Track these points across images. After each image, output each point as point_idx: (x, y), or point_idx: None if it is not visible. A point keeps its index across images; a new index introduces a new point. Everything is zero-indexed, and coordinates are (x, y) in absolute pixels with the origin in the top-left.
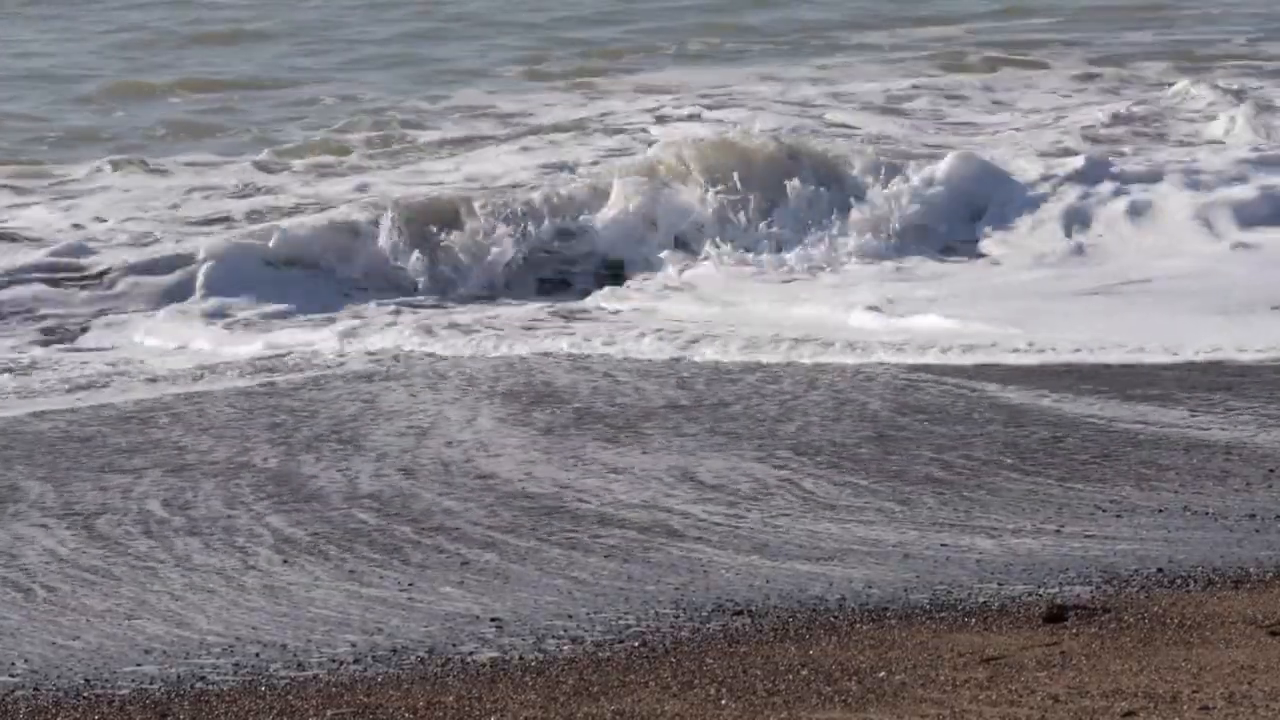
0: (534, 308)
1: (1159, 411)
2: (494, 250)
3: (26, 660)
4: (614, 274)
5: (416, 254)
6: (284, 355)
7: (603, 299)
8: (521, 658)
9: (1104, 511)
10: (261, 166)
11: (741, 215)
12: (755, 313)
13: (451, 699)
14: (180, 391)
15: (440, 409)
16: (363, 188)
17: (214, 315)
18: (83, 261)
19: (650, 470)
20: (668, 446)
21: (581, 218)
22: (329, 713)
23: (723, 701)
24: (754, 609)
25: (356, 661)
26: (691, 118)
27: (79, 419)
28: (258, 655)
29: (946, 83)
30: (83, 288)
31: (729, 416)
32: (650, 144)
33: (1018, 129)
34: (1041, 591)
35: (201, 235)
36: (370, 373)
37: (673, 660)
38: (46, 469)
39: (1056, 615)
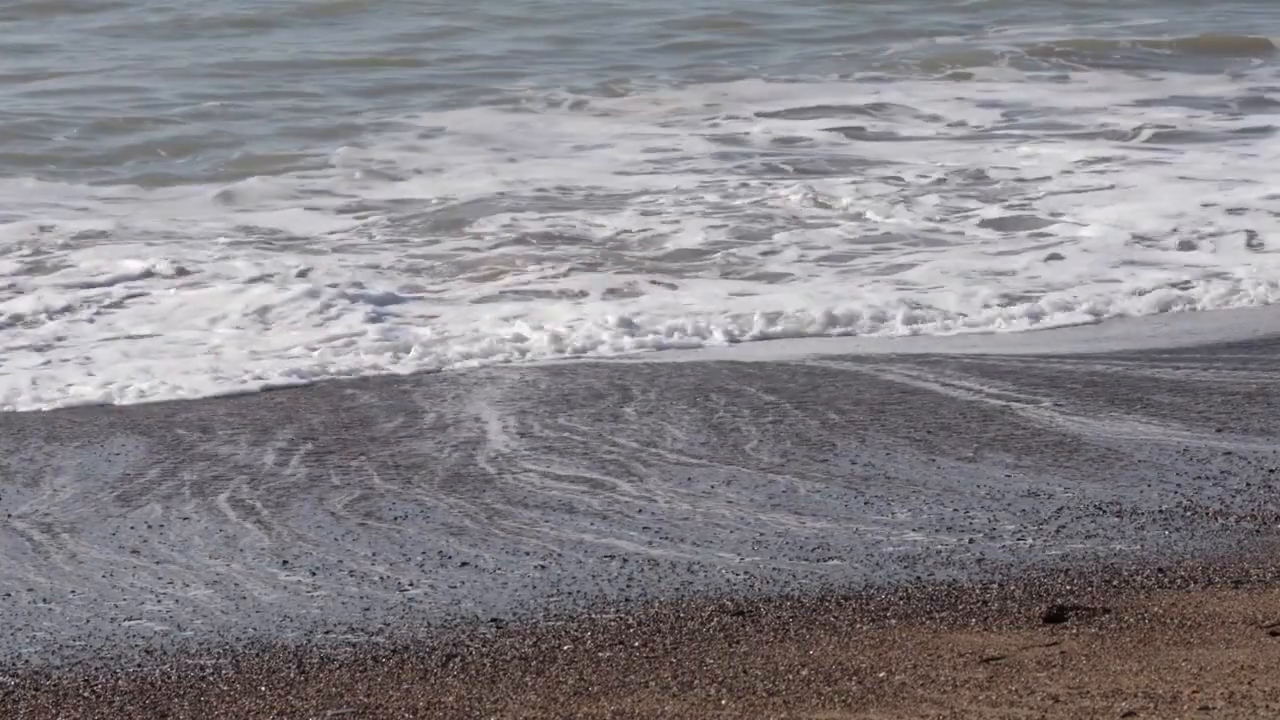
0: None
1: None
2: None
3: (26, 661)
4: None
5: None
6: None
7: None
8: (522, 657)
9: (1104, 513)
10: None
11: None
12: None
13: (451, 699)
14: None
15: None
16: None
17: None
18: None
19: None
20: None
21: None
22: (329, 713)
23: (723, 701)
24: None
25: (356, 661)
26: None
27: None
28: (258, 655)
29: None
30: None
31: None
32: None
33: None
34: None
35: None
36: None
37: (673, 660)
38: None
39: (1056, 615)
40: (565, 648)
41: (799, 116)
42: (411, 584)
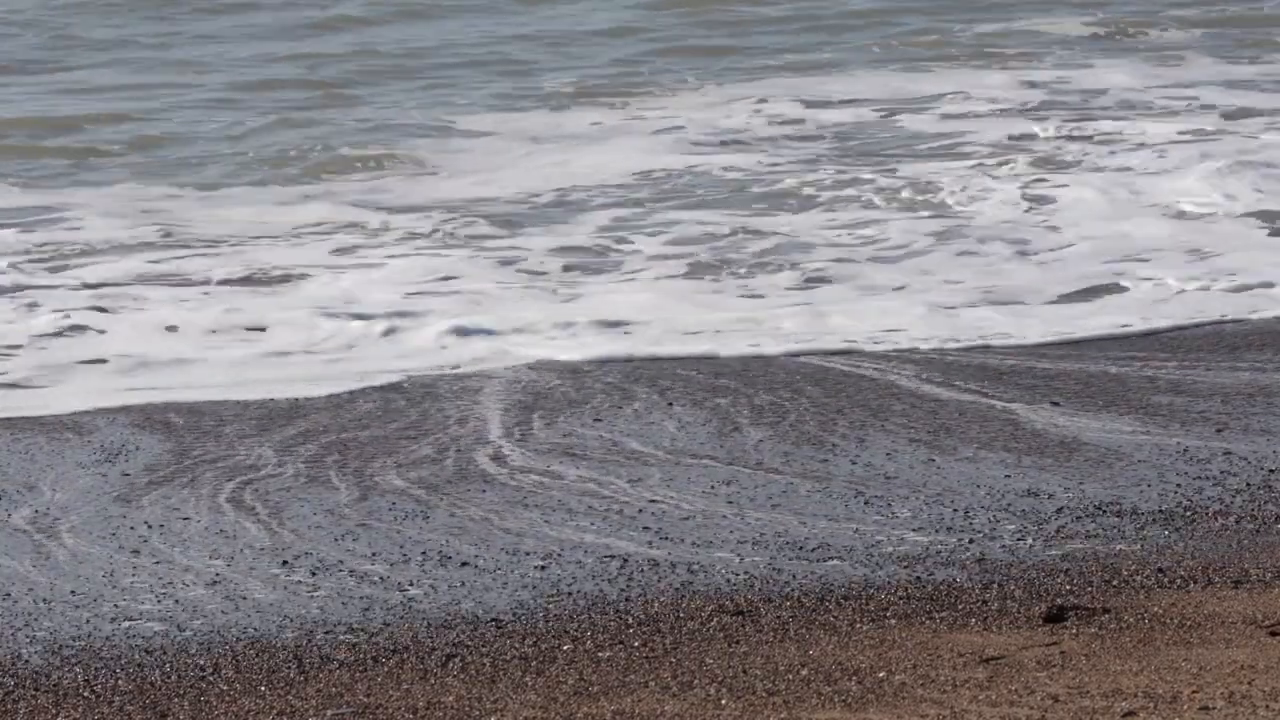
0: None
1: None
2: None
3: (26, 660)
4: None
5: None
6: None
7: None
8: (522, 657)
9: (1104, 512)
10: None
11: None
12: None
13: (451, 699)
14: None
15: None
16: None
17: None
18: None
19: None
20: None
21: None
22: (329, 713)
23: (723, 701)
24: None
25: (356, 661)
26: None
27: None
28: (258, 655)
29: None
30: None
31: None
32: None
33: None
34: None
35: None
36: None
37: (673, 660)
38: None
39: (1056, 615)
40: (565, 648)
41: (845, 106)
42: (411, 584)
